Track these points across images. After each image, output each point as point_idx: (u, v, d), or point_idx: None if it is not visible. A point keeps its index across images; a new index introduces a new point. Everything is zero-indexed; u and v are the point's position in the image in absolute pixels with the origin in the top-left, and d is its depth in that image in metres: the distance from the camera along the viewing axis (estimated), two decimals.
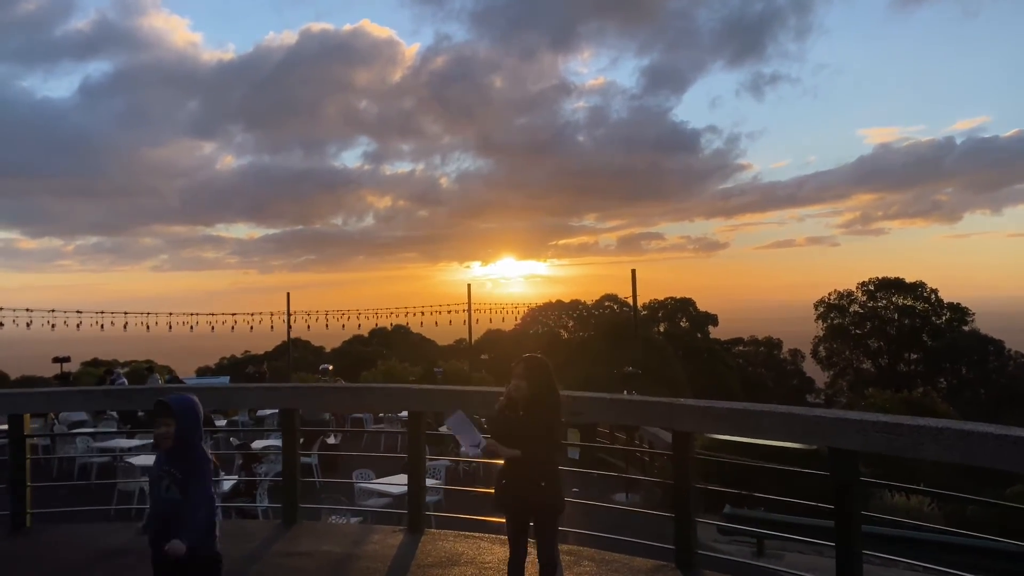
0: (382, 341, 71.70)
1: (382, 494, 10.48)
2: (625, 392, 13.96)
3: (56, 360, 20.47)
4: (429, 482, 11.43)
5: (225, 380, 24.04)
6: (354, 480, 10.91)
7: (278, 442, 14.04)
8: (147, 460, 12.70)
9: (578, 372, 56.75)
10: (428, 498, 11.14)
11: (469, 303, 21.82)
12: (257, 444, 13.87)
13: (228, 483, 11.08)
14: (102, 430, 15.68)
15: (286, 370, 25.57)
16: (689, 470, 4.73)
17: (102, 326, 23.72)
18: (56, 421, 17.14)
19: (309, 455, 14.07)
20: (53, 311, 23.41)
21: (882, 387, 66.57)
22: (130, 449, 13.73)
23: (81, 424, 17.19)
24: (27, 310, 22.82)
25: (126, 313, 23.88)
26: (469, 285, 21.44)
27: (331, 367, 21.80)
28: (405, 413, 18.94)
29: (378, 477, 11.31)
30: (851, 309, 67.22)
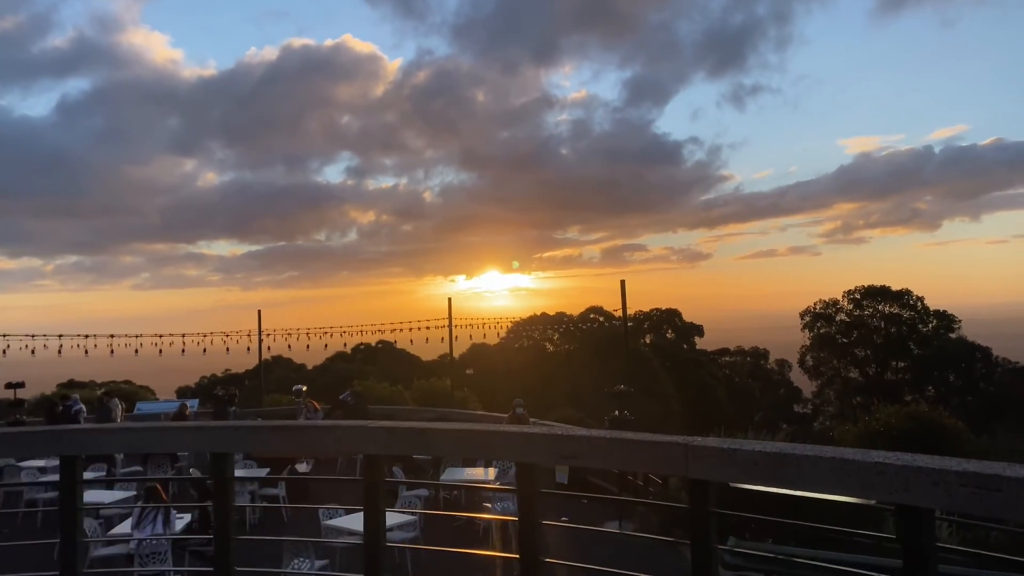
0: (366, 358, 70.50)
1: (352, 531, 9.45)
2: (616, 412, 13.05)
3: (9, 386, 19.29)
4: (403, 518, 10.45)
5: (194, 404, 22.84)
6: (321, 519, 9.90)
7: (243, 471, 13.02)
8: (98, 497, 11.60)
9: (564, 386, 55.91)
10: (404, 535, 10.17)
11: (450, 318, 20.83)
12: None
13: (182, 521, 10.04)
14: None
15: (259, 391, 24.51)
16: (710, 529, 3.77)
17: (86, 351, 22.57)
18: None
19: (275, 486, 13.01)
20: (33, 336, 22.27)
21: (870, 396, 66.32)
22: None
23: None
24: (3, 335, 21.71)
25: (112, 336, 22.76)
26: (449, 299, 20.51)
27: (304, 388, 20.72)
28: None
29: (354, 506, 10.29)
30: (837, 318, 66.75)
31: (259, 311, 22.06)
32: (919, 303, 65.49)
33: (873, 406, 59.05)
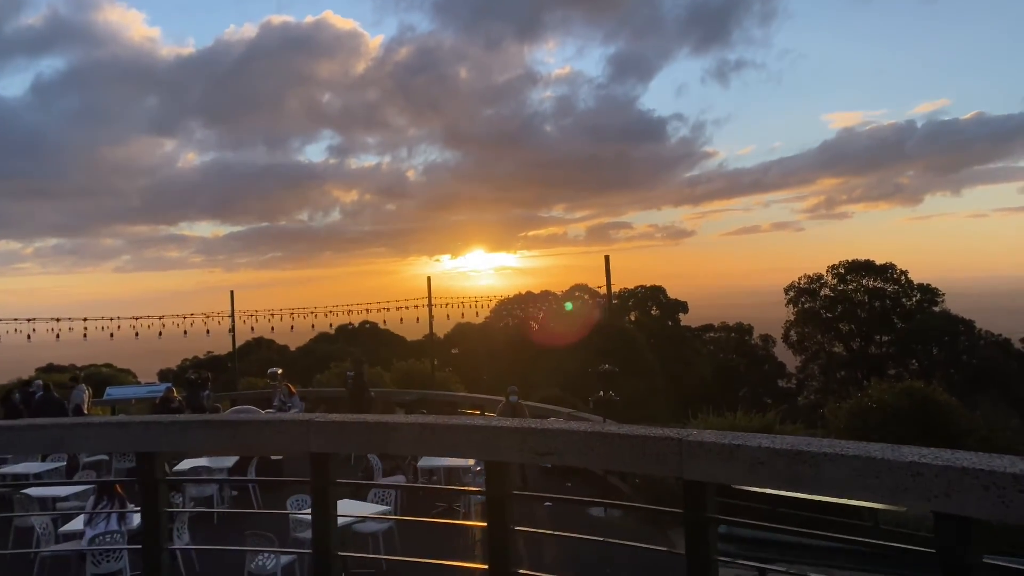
0: (349, 338, 69.82)
1: None
2: (601, 393, 12.52)
3: None
4: (377, 509, 9.89)
5: (163, 388, 22.14)
6: (288, 511, 9.31)
7: (206, 461, 12.40)
8: (52, 491, 10.97)
9: (549, 365, 55.53)
10: (374, 527, 9.61)
11: (429, 297, 20.22)
12: (182, 465, 12.10)
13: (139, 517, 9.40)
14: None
15: (235, 374, 23.81)
16: (710, 540, 3.22)
17: (57, 335, 21.84)
18: None
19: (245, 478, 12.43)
20: (16, 319, 21.50)
21: (854, 370, 66.38)
22: (34, 476, 11.94)
23: None
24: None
25: (85, 319, 22.03)
26: (429, 278, 19.87)
27: (280, 370, 20.01)
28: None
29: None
30: (821, 293, 66.66)
31: (231, 292, 21.39)
32: (903, 277, 65.50)
33: (858, 381, 59.22)
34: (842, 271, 66.14)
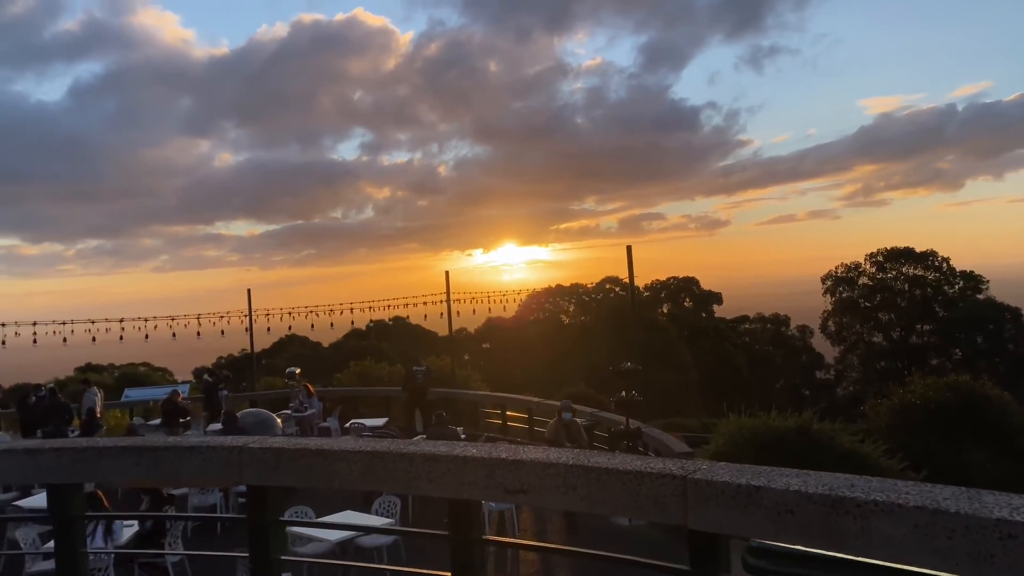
0: (380, 334, 69.61)
1: (320, 540, 8.25)
2: (623, 393, 11.74)
3: None
4: (380, 521, 9.25)
5: (184, 388, 21.80)
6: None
7: None
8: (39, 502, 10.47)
9: (580, 359, 54.72)
10: (377, 541, 8.98)
11: (448, 292, 19.51)
12: None
13: (131, 529, 8.87)
14: None
15: (252, 374, 23.40)
16: None
17: (93, 338, 21.68)
18: None
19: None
20: (55, 322, 21.40)
21: (894, 360, 64.57)
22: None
23: None
24: (33, 323, 20.85)
25: (122, 320, 21.85)
26: (447, 273, 19.16)
27: (298, 370, 19.53)
28: (380, 422, 16.84)
29: (329, 513, 9.12)
30: (859, 282, 64.87)
31: (248, 290, 20.89)
32: (944, 264, 63.47)
33: (899, 371, 57.55)
34: (881, 259, 64.30)
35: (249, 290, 20.82)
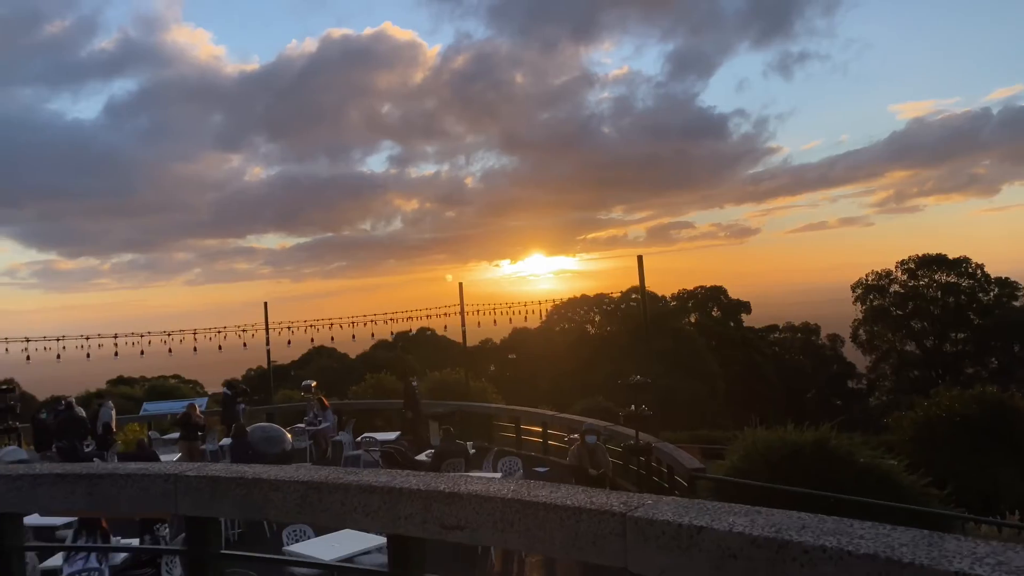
0: (407, 345, 69.66)
1: (315, 561, 8.06)
2: (632, 407, 11.42)
3: (5, 386, 18.28)
4: (382, 540, 9.03)
5: (203, 402, 21.80)
6: (285, 542, 8.54)
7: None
8: (49, 520, 10.42)
9: (605, 369, 54.26)
10: (377, 558, 8.75)
11: (461, 303, 19.34)
12: None
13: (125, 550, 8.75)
14: None
15: (270, 387, 23.38)
16: None
17: (141, 351, 21.87)
18: None
19: None
20: (81, 336, 21.61)
21: (928, 369, 63.20)
22: None
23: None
24: (58, 339, 21.09)
25: (147, 334, 22.05)
26: (460, 284, 19.02)
27: (314, 383, 19.43)
28: (392, 436, 16.65)
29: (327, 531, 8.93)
30: (891, 289, 63.70)
31: (265, 303, 20.88)
32: (978, 271, 62.12)
33: (933, 380, 56.32)
34: (912, 266, 63.12)
35: (266, 303, 20.86)
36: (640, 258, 14.50)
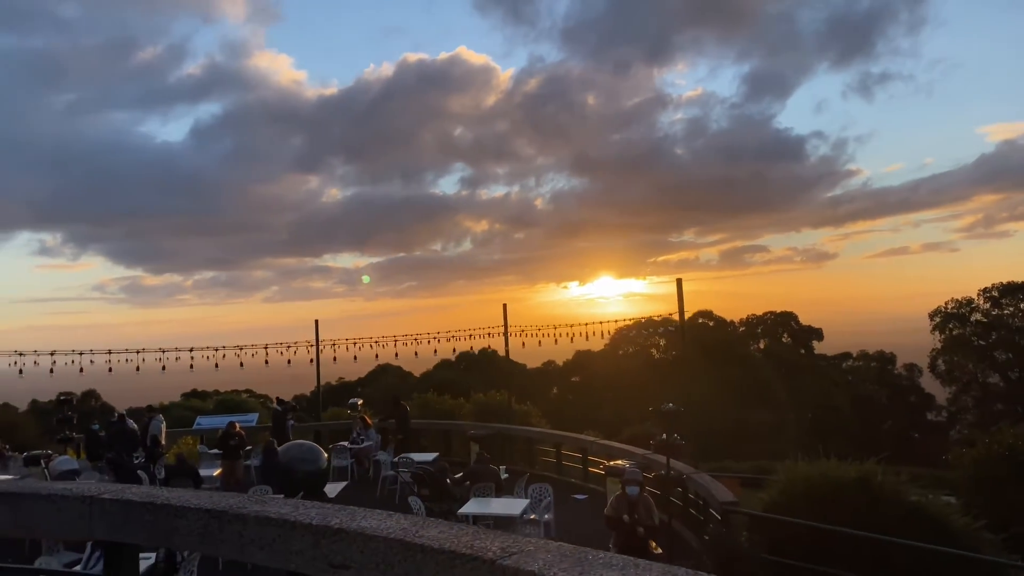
0: (470, 365, 70.00)
1: None
2: (664, 436, 11.02)
3: (62, 398, 18.92)
4: None
5: (252, 418, 22.18)
6: None
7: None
8: None
9: (670, 394, 53.37)
10: None
11: (505, 324, 19.17)
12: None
13: (144, 561, 8.83)
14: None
15: (318, 404, 23.63)
16: None
17: (213, 362, 22.52)
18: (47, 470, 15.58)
19: None
20: (159, 349, 22.39)
21: (1013, 403, 60.04)
22: None
23: (73, 474, 15.46)
24: (137, 351, 21.89)
25: (217, 348, 22.68)
26: (504, 305, 18.82)
27: (360, 401, 19.55)
28: (430, 456, 16.57)
29: None
30: (972, 318, 60.89)
31: (316, 321, 21.10)
32: None
33: (1019, 415, 53.44)
34: (996, 295, 60.27)
35: (317, 321, 21.11)
36: (679, 281, 14.14)
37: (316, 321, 20.97)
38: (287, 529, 2.64)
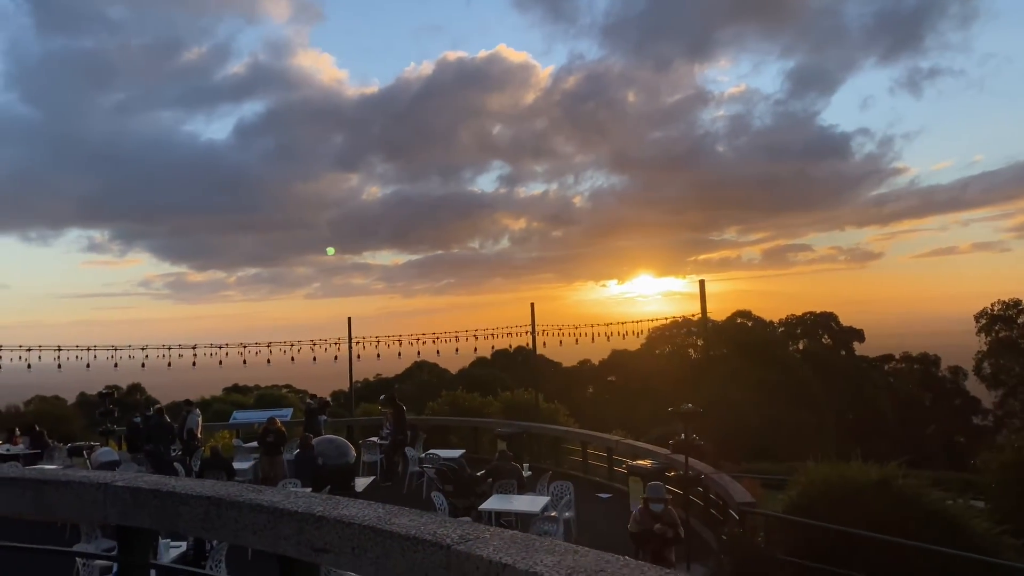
0: (505, 363, 70.26)
1: None
2: (683, 436, 11.11)
3: (106, 391, 19.60)
4: None
5: (287, 413, 22.68)
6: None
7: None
8: None
9: (707, 394, 53.02)
10: None
11: (533, 324, 19.38)
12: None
13: (175, 549, 9.22)
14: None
15: (351, 400, 24.06)
16: None
17: (219, 361, 23.14)
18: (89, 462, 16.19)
19: None
20: (198, 345, 23.08)
21: None
22: None
23: (113, 465, 16.04)
24: (179, 346, 22.60)
25: (269, 344, 23.35)
26: (532, 304, 19.04)
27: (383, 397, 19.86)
28: (456, 453, 16.83)
29: None
30: (1020, 320, 59.55)
31: (349, 318, 21.57)
32: None
33: None
34: None
35: (349, 318, 21.57)
36: (702, 282, 14.19)
37: (349, 319, 21.44)
38: (276, 516, 2.88)
